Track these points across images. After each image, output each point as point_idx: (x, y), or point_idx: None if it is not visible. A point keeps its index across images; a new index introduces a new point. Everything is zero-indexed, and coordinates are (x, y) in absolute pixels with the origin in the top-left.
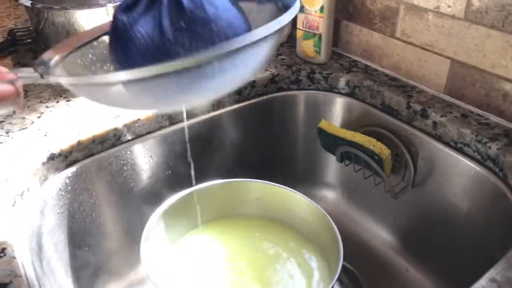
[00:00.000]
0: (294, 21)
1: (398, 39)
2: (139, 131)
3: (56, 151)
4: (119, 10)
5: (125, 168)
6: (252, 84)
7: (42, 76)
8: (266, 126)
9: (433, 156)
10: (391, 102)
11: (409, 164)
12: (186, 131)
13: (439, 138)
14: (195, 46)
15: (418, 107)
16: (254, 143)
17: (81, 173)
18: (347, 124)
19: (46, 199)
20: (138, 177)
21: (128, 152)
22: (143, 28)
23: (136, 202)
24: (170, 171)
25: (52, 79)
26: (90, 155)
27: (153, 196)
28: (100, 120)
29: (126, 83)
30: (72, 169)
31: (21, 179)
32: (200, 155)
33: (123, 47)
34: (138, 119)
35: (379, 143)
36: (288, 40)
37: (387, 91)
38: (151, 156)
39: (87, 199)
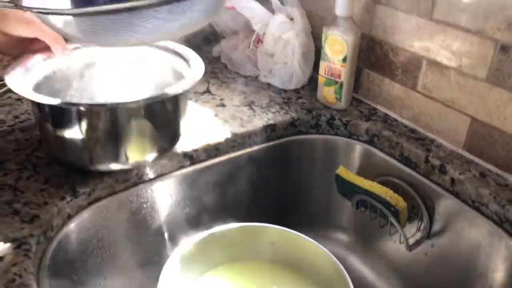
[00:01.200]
0: (316, 66)
1: (419, 92)
2: (160, 170)
3: (80, 189)
4: None
5: (144, 206)
6: (272, 127)
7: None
8: (284, 168)
9: (450, 211)
10: (409, 155)
11: (425, 217)
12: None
13: (456, 195)
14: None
15: (436, 162)
16: (272, 184)
17: (103, 211)
18: (364, 171)
19: (69, 234)
20: (156, 215)
21: (149, 191)
22: None
23: (153, 239)
24: (187, 210)
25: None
26: (113, 193)
27: (171, 234)
28: None
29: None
30: (95, 206)
31: (47, 216)
32: (218, 194)
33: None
34: (161, 159)
35: (395, 195)
36: (309, 83)
37: (406, 143)
38: (170, 195)
39: (106, 235)
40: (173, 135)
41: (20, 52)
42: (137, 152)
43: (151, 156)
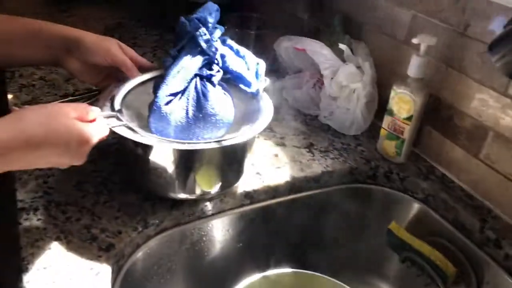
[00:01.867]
0: (377, 114)
1: (481, 161)
2: (222, 207)
3: (151, 220)
4: (161, 103)
5: (204, 239)
6: (330, 174)
7: (118, 118)
8: (337, 214)
9: (500, 285)
10: (464, 221)
11: (472, 286)
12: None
13: (508, 270)
14: (205, 127)
15: (492, 235)
16: (323, 229)
17: (167, 240)
18: (416, 228)
19: (136, 262)
20: (212, 248)
21: (210, 225)
22: (176, 116)
23: (207, 270)
24: (241, 245)
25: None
26: (178, 224)
27: (224, 267)
28: None
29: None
30: (161, 236)
31: (121, 245)
32: (272, 234)
33: (162, 125)
34: (225, 196)
35: (445, 259)
36: (369, 129)
37: (462, 209)
38: (228, 230)
39: (166, 262)
40: (238, 172)
41: (101, 81)
42: (204, 186)
43: (216, 189)
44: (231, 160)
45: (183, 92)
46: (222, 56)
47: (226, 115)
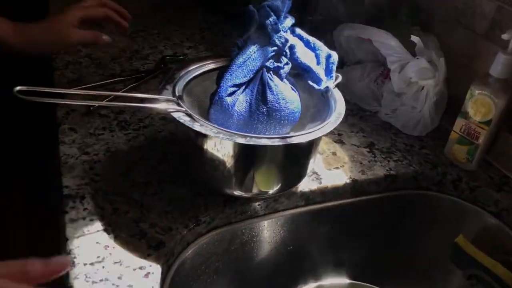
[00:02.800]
0: (445, 115)
1: None
2: (276, 207)
3: (202, 218)
4: (224, 93)
5: (254, 239)
6: (393, 178)
7: (179, 105)
8: (396, 221)
9: None
10: None
11: None
12: None
13: None
14: (269, 123)
15: None
16: (380, 236)
17: (218, 239)
18: (485, 245)
19: (185, 260)
20: (263, 250)
21: (262, 225)
22: (239, 108)
23: (256, 273)
24: (292, 247)
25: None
26: (229, 223)
27: (274, 271)
28: None
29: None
30: (211, 234)
31: (171, 244)
32: (325, 238)
33: (224, 117)
34: (279, 196)
35: None
36: (435, 130)
37: None
38: (280, 232)
39: (214, 261)
40: (300, 173)
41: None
42: (263, 185)
43: (274, 189)
44: (294, 160)
45: (247, 83)
46: (291, 47)
47: (292, 112)
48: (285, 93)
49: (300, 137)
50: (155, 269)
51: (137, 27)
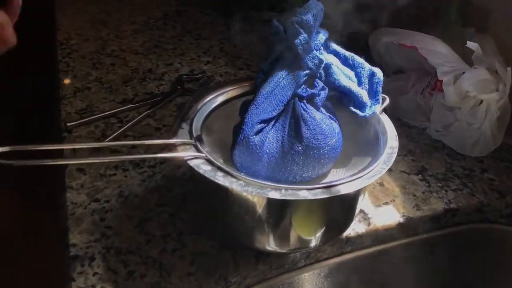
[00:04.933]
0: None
1: None
2: (318, 256)
3: (232, 278)
4: (250, 132)
5: None
6: (453, 212)
7: (197, 148)
8: (461, 260)
9: None
10: None
11: None
12: None
13: None
14: (305, 164)
15: None
16: (443, 279)
17: None
18: None
19: None
20: None
21: (302, 278)
22: (269, 148)
23: None
24: None
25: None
26: (264, 279)
27: None
28: None
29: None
30: None
31: None
32: (378, 286)
33: (251, 159)
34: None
35: None
36: (497, 150)
37: None
38: (323, 284)
39: None
40: (347, 221)
41: None
42: (301, 239)
43: (315, 242)
44: (339, 208)
45: (277, 117)
46: (327, 67)
47: (332, 148)
48: (323, 126)
49: (347, 186)
50: None
51: (151, 42)
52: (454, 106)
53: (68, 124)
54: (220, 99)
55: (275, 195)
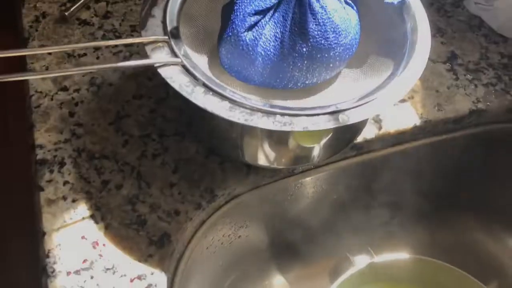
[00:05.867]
0: None
1: None
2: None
3: (219, 191)
4: (241, 27)
5: (289, 199)
6: (479, 113)
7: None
8: (485, 164)
9: None
10: None
11: None
12: None
13: None
14: (310, 69)
15: None
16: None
17: (238, 207)
18: None
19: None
20: (300, 211)
21: (298, 184)
22: (264, 49)
23: (289, 229)
24: (336, 196)
25: None
26: (256, 187)
27: (307, 234)
28: None
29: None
30: (229, 204)
31: (177, 236)
32: (380, 193)
33: (241, 62)
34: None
35: None
36: None
37: None
38: (323, 188)
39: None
40: (356, 132)
41: None
42: (301, 154)
43: (317, 159)
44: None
45: (277, 6)
46: None
47: (346, 48)
48: (337, 19)
49: (358, 112)
50: (159, 279)
51: None
52: None
53: None
54: None
55: (267, 124)
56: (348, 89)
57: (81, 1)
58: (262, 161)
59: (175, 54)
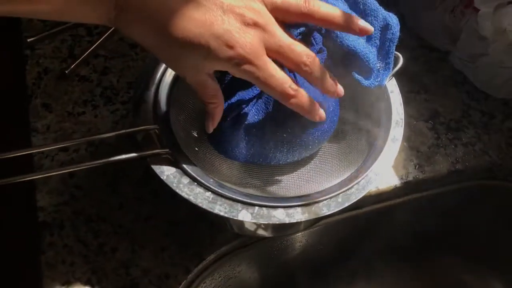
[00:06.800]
0: None
1: None
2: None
3: (208, 255)
4: (225, 117)
5: (275, 253)
6: (459, 174)
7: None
8: (465, 218)
9: None
10: None
11: None
12: None
13: None
14: (290, 151)
15: None
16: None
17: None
18: None
19: None
20: (295, 263)
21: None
22: (248, 136)
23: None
24: (322, 247)
25: None
26: (244, 246)
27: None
28: None
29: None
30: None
31: None
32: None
33: (226, 147)
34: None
35: None
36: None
37: None
38: (307, 241)
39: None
40: None
41: None
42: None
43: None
44: None
45: (259, 95)
46: None
47: (324, 132)
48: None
49: (330, 204)
50: None
51: None
52: (487, 33)
53: (28, 40)
54: None
55: (245, 216)
56: (325, 165)
57: (81, 59)
58: (251, 232)
59: (163, 144)
